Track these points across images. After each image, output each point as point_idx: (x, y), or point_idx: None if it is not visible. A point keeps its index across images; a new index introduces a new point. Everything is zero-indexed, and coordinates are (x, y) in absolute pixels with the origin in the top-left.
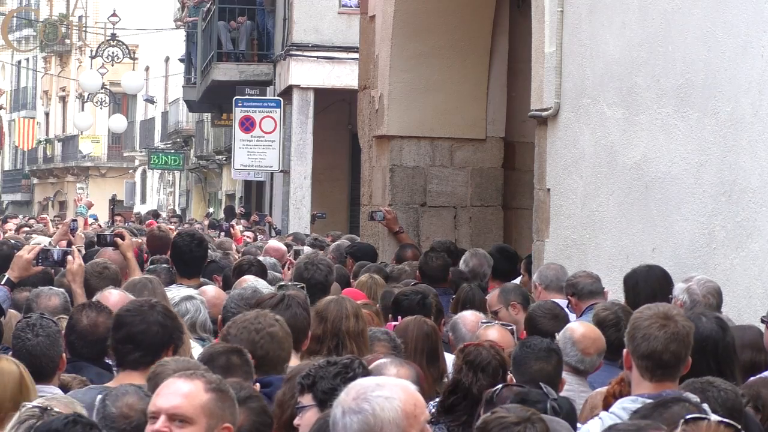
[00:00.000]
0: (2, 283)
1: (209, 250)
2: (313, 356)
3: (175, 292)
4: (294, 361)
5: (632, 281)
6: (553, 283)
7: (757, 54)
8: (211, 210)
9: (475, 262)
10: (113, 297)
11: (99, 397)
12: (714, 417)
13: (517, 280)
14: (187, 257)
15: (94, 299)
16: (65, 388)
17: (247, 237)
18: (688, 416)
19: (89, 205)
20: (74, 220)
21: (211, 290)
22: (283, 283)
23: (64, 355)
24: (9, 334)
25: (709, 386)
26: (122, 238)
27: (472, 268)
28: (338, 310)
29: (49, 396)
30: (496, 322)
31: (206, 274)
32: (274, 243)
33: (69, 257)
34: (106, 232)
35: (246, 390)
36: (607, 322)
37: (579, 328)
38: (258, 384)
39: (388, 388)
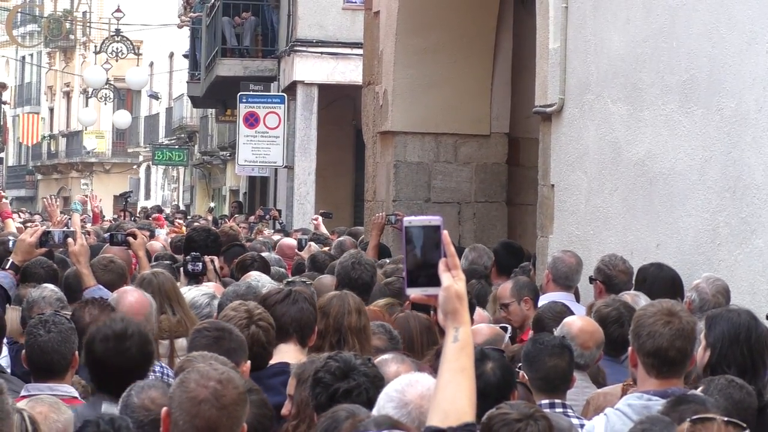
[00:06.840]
0: (7, 267)
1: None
2: (315, 352)
3: (195, 292)
4: (300, 357)
5: (640, 276)
6: (560, 280)
7: (762, 50)
8: (212, 204)
9: (474, 255)
10: (130, 297)
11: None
12: (720, 417)
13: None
14: (203, 252)
15: (111, 297)
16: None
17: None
18: (694, 417)
19: (83, 202)
20: (68, 218)
21: (210, 285)
22: (290, 279)
23: (77, 353)
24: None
25: (727, 384)
26: (134, 236)
27: (472, 260)
28: (340, 306)
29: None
30: (490, 321)
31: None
32: (289, 240)
33: (69, 239)
34: (119, 232)
35: (246, 383)
36: (610, 319)
37: (576, 322)
38: None
39: None
